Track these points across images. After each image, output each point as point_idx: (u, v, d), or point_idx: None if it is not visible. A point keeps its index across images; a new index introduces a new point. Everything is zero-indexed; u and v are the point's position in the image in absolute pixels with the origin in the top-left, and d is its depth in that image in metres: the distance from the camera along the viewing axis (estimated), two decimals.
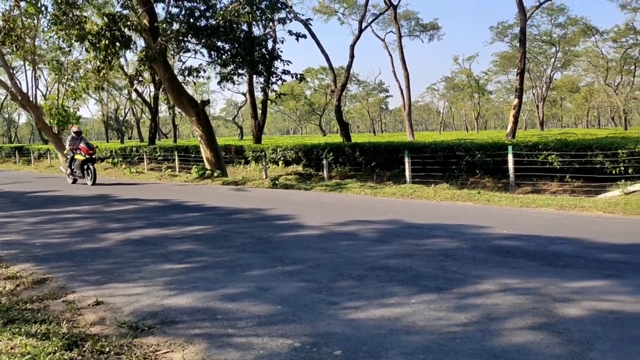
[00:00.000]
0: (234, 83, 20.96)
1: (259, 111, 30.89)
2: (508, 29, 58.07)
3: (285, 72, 20.56)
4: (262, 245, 7.22)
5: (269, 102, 31.18)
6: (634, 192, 11.45)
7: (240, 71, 20.52)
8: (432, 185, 14.40)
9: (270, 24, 22.77)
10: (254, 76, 22.28)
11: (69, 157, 19.70)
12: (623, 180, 12.70)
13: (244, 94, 57.50)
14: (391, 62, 45.09)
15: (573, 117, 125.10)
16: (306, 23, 25.53)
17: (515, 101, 28.68)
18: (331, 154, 19.32)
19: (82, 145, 18.97)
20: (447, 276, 5.25)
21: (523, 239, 7.12)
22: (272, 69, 20.49)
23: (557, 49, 63.25)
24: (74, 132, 19.81)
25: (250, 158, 23.56)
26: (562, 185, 14.65)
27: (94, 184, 18.69)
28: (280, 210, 10.79)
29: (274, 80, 21.00)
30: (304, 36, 20.64)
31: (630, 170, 13.26)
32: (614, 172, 13.58)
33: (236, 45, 19.14)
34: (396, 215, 9.63)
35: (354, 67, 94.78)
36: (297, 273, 5.58)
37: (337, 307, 4.40)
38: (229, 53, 19.49)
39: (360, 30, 33.79)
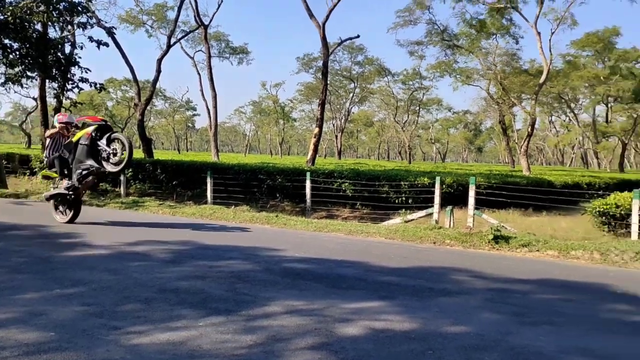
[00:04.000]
0: (22, 86, 19.11)
1: (51, 119, 28.50)
2: (313, 61, 61.21)
3: (83, 79, 19.24)
4: (40, 265, 6.60)
5: (63, 110, 28.94)
6: (411, 220, 12.69)
7: (30, 74, 18.75)
8: (233, 206, 14.49)
9: (69, 27, 21.24)
10: (47, 81, 20.48)
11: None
12: (404, 209, 14.00)
13: (35, 99, 52.53)
14: (199, 81, 45.00)
15: (367, 149, 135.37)
16: (110, 31, 24.30)
17: (316, 130, 30.16)
18: (130, 170, 18.48)
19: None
20: (238, 298, 5.29)
21: (313, 262, 7.47)
22: (69, 75, 19.08)
23: (356, 84, 68.20)
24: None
25: (37, 169, 21.55)
26: (353, 211, 15.71)
27: None
28: (65, 228, 10.01)
29: (69, 87, 19.54)
30: (106, 44, 19.62)
31: (410, 201, 14.71)
32: (397, 201, 14.95)
33: (27, 45, 17.50)
34: (192, 236, 9.50)
35: (161, 82, 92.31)
36: (77, 296, 5.19)
37: (119, 332, 4.18)
38: (18, 53, 17.73)
39: (169, 46, 33.03)
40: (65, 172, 10.23)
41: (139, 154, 26.31)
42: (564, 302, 5.74)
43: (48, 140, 10.47)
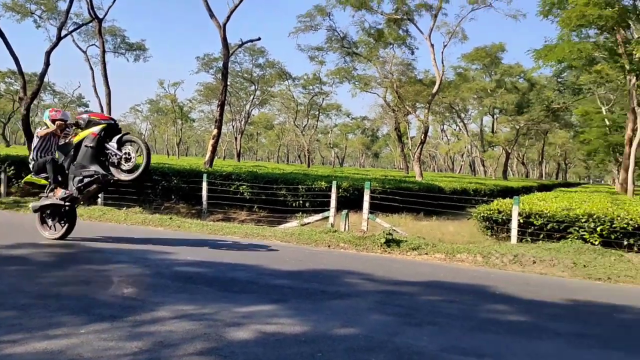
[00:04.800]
0: None
1: None
2: (213, 62, 60.27)
3: None
4: None
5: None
6: (308, 223, 12.82)
7: None
8: (125, 208, 13.93)
9: None
10: None
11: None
12: (301, 213, 14.11)
13: None
14: (92, 76, 42.78)
15: (267, 152, 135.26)
16: None
17: (215, 131, 29.69)
18: (12, 168, 17.26)
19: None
20: (124, 303, 5.09)
21: (206, 265, 7.34)
22: None
23: (256, 87, 67.93)
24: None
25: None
26: (250, 214, 15.61)
27: None
28: None
29: None
30: None
31: (307, 204, 14.85)
32: (294, 204, 15.04)
33: None
34: (78, 239, 9.02)
35: (50, 76, 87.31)
36: None
37: None
38: None
39: (59, 38, 31.08)
40: (59, 179, 8.53)
41: (23, 150, 24.63)
42: (447, 303, 6.01)
43: (37, 140, 8.66)
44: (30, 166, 8.79)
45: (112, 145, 8.20)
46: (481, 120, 64.49)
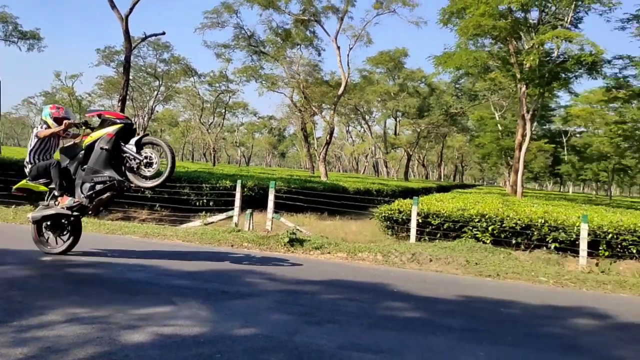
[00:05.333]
0: None
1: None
2: (115, 55, 57.98)
3: None
4: None
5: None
6: (211, 222, 12.62)
7: None
8: (14, 206, 13.08)
9: None
10: None
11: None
12: (204, 212, 13.86)
13: None
14: None
15: None
16: None
17: None
18: None
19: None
20: (10, 307, 4.78)
21: (101, 266, 7.05)
22: None
23: (161, 83, 66.02)
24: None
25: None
26: (152, 213, 15.14)
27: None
28: None
29: None
30: None
31: (211, 203, 14.61)
32: (198, 203, 14.76)
33: None
34: None
35: None
36: None
37: None
38: None
39: None
40: (65, 186, 7.40)
41: None
42: (348, 301, 6.12)
43: (35, 141, 7.49)
44: (27, 170, 7.56)
45: (130, 148, 7.19)
46: (385, 122, 66.49)
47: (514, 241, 11.42)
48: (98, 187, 7.17)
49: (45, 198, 7.60)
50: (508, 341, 4.98)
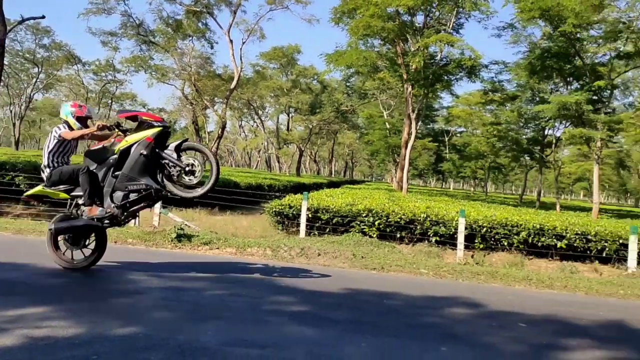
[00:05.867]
0: None
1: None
2: None
3: None
4: None
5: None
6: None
7: None
8: None
9: None
10: None
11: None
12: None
13: None
14: None
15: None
16: None
17: None
18: None
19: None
20: None
21: None
22: None
23: (40, 69, 61.99)
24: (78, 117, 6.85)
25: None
26: (27, 208, 14.19)
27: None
28: None
29: None
30: None
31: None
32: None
33: None
34: None
35: None
36: None
37: None
38: None
39: None
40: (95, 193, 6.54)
41: None
42: (235, 297, 6.08)
43: (54, 142, 6.66)
44: (44, 174, 6.71)
45: (170, 153, 6.55)
46: (277, 118, 66.68)
47: (398, 235, 11.90)
48: (132, 195, 6.52)
49: (69, 208, 6.78)
50: (390, 332, 5.16)
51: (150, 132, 6.45)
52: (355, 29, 24.90)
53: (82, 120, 6.80)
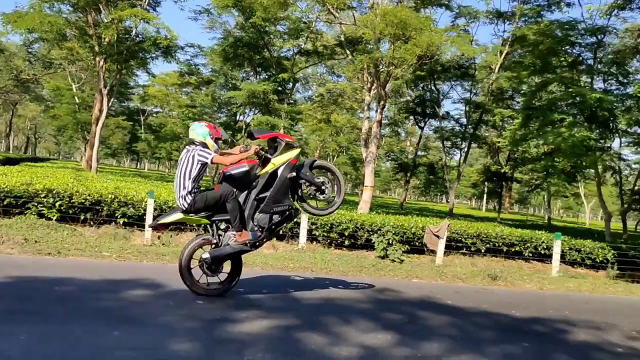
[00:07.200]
0: None
1: None
2: None
3: None
4: None
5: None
6: None
7: None
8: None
9: None
10: None
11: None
12: None
13: None
14: None
15: None
16: None
17: None
18: None
19: None
20: None
21: None
22: None
23: None
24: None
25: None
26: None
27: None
28: None
29: None
30: None
31: None
32: None
33: None
34: None
35: None
36: None
37: None
38: None
39: None
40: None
41: None
42: None
43: (199, 166, 6.24)
44: (186, 202, 6.26)
45: (307, 174, 6.82)
46: None
47: (82, 217, 11.14)
48: (275, 217, 6.59)
49: (213, 233, 6.54)
50: (57, 319, 4.81)
51: (293, 154, 6.66)
52: None
53: (217, 142, 6.58)
